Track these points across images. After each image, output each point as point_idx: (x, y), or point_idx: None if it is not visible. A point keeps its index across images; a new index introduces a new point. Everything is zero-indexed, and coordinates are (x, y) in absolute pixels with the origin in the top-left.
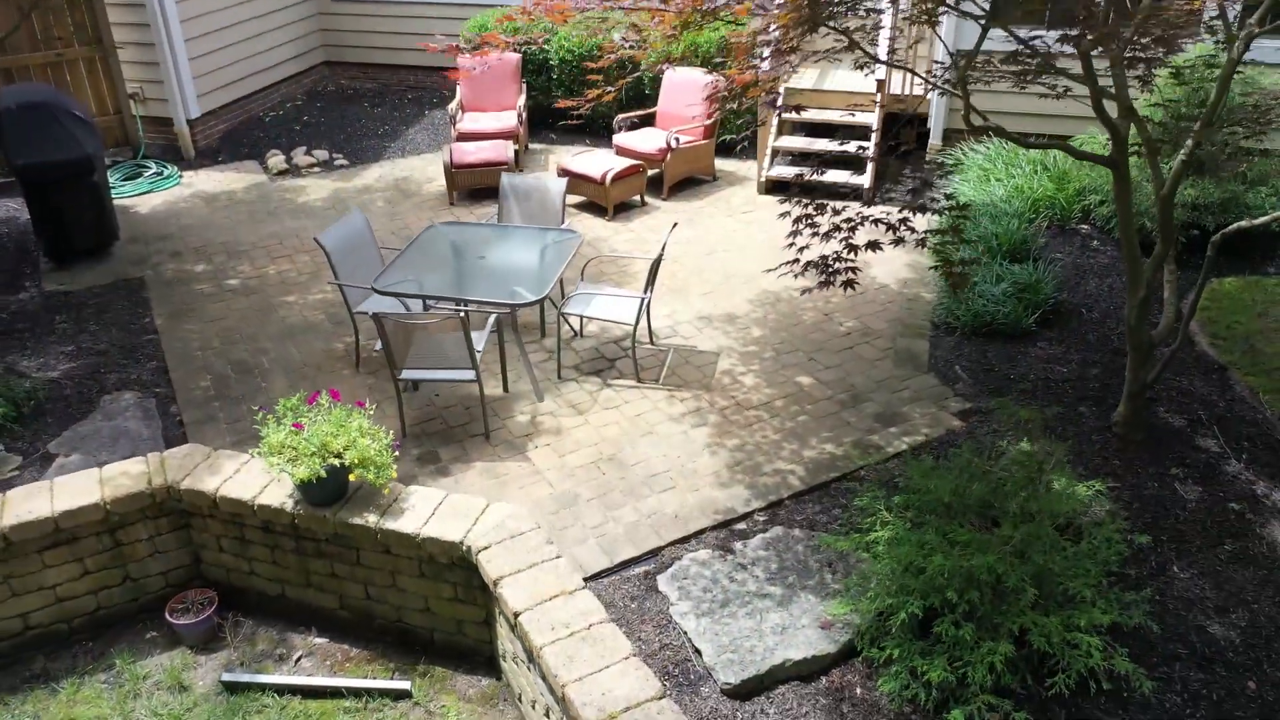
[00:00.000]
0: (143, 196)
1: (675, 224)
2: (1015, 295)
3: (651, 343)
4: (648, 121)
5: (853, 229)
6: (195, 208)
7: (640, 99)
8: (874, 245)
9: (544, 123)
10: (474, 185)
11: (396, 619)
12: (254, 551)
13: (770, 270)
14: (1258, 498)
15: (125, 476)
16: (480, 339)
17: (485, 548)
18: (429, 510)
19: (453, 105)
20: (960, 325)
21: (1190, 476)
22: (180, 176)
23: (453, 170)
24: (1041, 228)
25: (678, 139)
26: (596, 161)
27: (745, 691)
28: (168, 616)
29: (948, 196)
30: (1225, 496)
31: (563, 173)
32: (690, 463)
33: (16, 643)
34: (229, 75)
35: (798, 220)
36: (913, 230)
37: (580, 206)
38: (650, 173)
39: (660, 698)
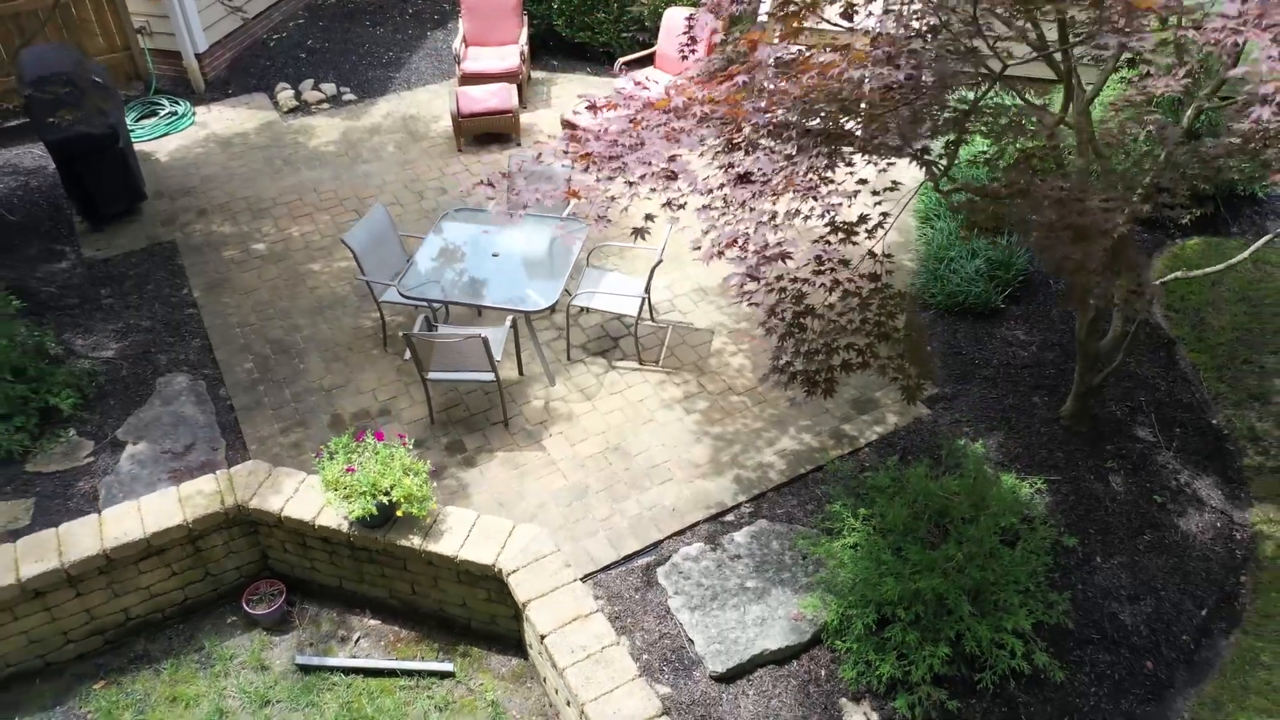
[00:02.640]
0: (160, 140)
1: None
2: (988, 274)
3: (652, 319)
4: (648, 61)
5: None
6: (212, 154)
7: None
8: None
9: (545, 47)
10: (480, 131)
11: (438, 609)
12: (314, 555)
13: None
14: (1180, 487)
15: (201, 496)
16: (499, 337)
17: (514, 571)
18: (464, 532)
19: (456, 43)
20: (935, 304)
21: (1123, 468)
22: (194, 114)
23: (460, 119)
24: None
25: (677, 86)
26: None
27: (730, 676)
28: (245, 606)
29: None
30: (1151, 488)
31: (566, 125)
32: (685, 452)
33: (120, 631)
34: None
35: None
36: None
37: (585, 156)
38: None
39: (661, 715)
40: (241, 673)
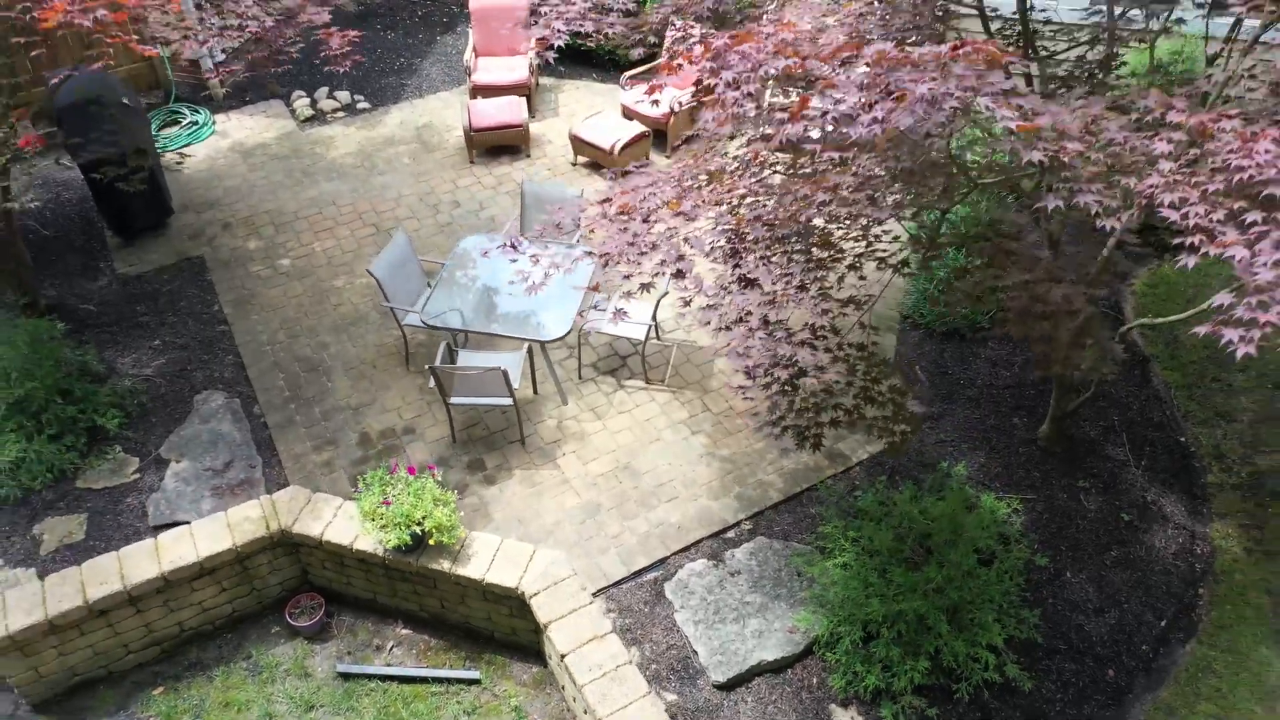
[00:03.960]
0: (183, 151)
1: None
2: (976, 296)
3: (658, 338)
4: (653, 71)
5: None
6: (234, 165)
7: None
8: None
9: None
10: (492, 143)
11: (464, 621)
12: (351, 573)
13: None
14: (1147, 504)
15: (248, 522)
16: (515, 361)
17: (536, 594)
18: (489, 556)
19: (467, 54)
20: (924, 324)
21: (1095, 487)
22: (214, 123)
23: (472, 133)
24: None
25: (680, 103)
26: (606, 129)
27: (731, 685)
28: (288, 619)
29: None
30: (1120, 505)
31: (574, 140)
32: (690, 471)
33: (175, 641)
34: None
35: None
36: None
37: (591, 166)
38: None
39: None
40: (287, 680)
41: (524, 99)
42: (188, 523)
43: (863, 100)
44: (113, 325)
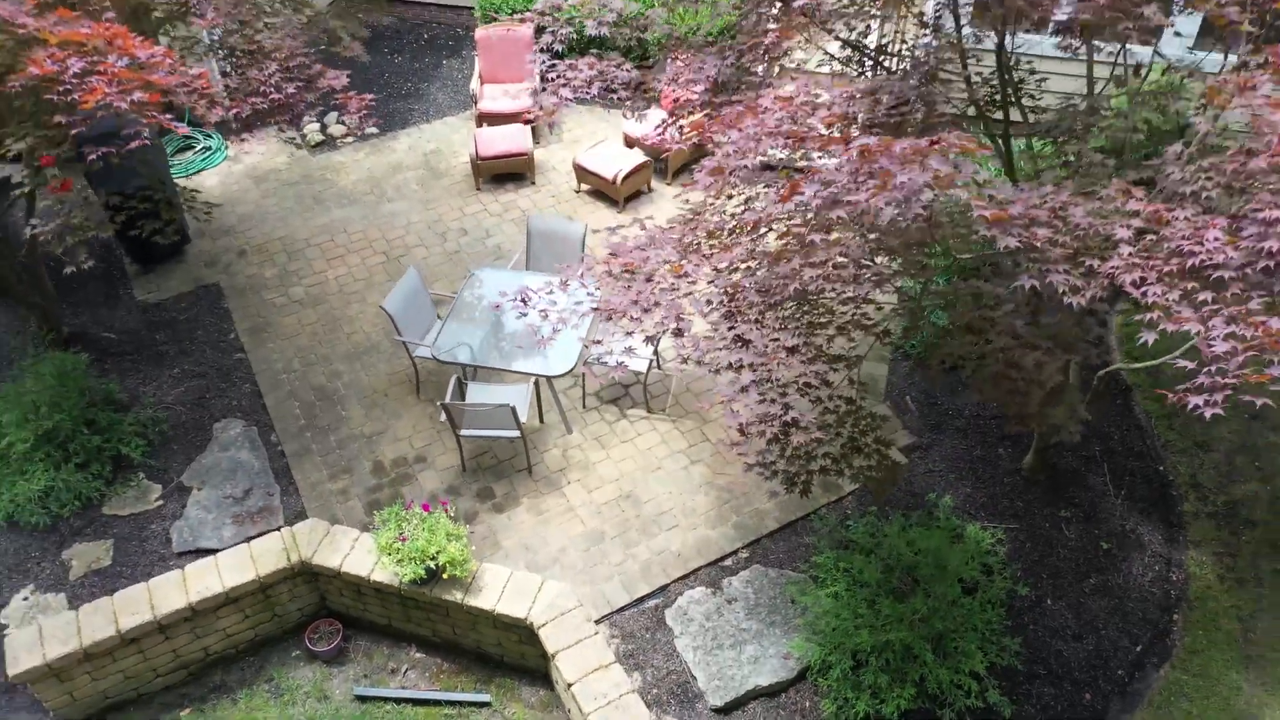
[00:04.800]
0: (197, 176)
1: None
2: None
3: (659, 367)
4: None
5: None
6: (247, 191)
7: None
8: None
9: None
10: (498, 171)
11: (475, 646)
12: (368, 601)
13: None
14: (1125, 532)
15: (269, 554)
16: (522, 394)
17: (544, 625)
18: (500, 588)
19: (473, 82)
20: (914, 354)
21: (1076, 516)
22: (226, 147)
23: (478, 161)
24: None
25: (681, 130)
26: (608, 159)
27: (728, 709)
28: (307, 644)
29: None
30: (1100, 534)
31: (578, 169)
32: (689, 500)
33: (200, 665)
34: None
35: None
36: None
37: (594, 194)
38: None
39: None
40: (307, 701)
41: (529, 128)
42: (211, 549)
43: (847, 184)
44: (133, 353)
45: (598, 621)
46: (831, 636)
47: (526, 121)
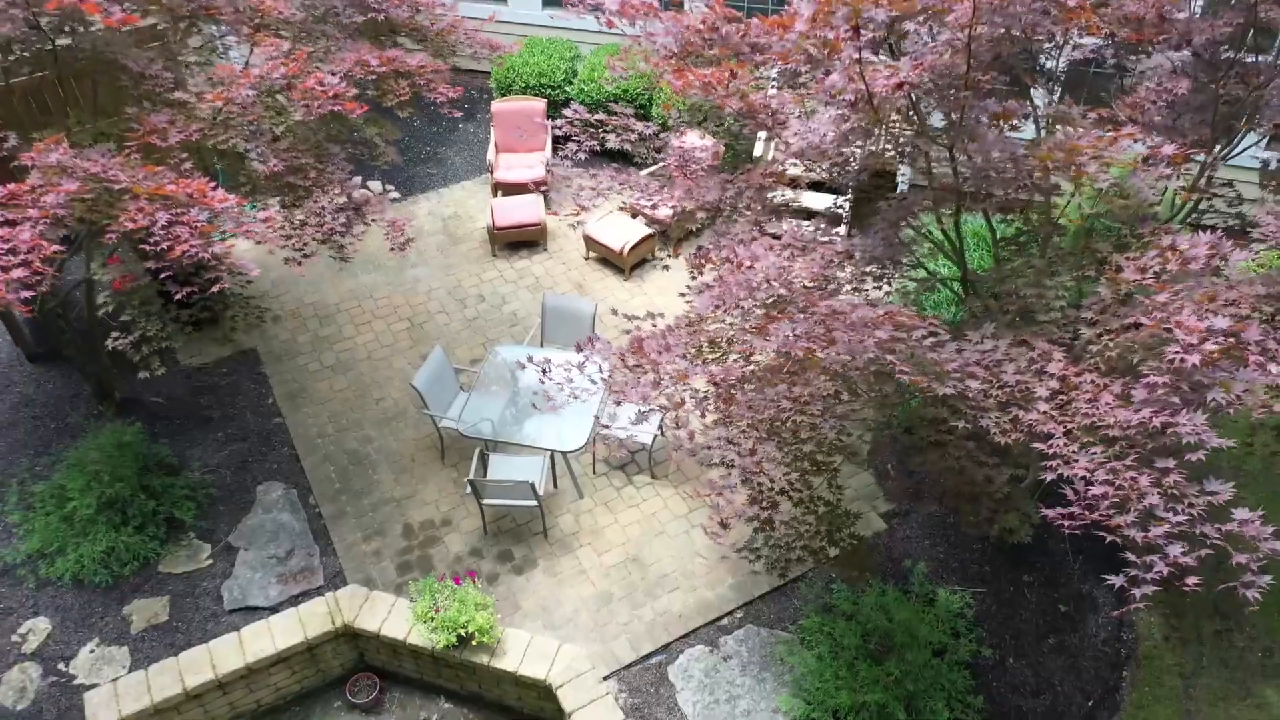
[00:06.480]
0: (226, 241)
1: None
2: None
3: (663, 434)
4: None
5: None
6: (276, 258)
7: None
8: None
9: (567, 138)
10: (513, 240)
11: (498, 699)
12: (403, 659)
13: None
14: (1082, 595)
15: (316, 618)
16: (538, 465)
17: (561, 685)
18: (521, 652)
19: (490, 153)
20: (895, 423)
21: (1037, 580)
22: (256, 211)
23: (495, 230)
24: None
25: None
26: (616, 231)
27: None
28: (348, 696)
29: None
30: (1058, 598)
31: (587, 239)
32: (690, 563)
33: (253, 715)
34: None
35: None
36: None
37: (602, 261)
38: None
39: None
40: None
41: (541, 198)
42: (258, 606)
43: (806, 333)
44: (180, 418)
45: (606, 678)
46: (816, 694)
47: (540, 189)
